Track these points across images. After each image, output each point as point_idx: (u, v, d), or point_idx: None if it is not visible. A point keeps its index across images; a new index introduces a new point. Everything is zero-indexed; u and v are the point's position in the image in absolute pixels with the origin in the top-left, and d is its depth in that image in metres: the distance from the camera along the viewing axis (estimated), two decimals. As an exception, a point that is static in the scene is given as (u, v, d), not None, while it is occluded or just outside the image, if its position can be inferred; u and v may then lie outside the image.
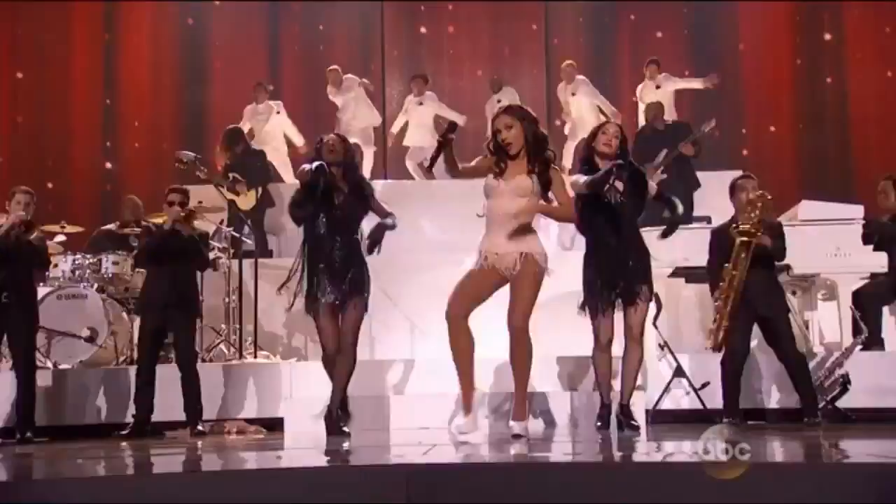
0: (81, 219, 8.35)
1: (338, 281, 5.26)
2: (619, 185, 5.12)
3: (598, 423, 5.34)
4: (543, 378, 6.21)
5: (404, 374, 6.54)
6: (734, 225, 5.59)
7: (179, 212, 6.03)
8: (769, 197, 5.57)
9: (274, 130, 10.19)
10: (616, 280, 5.11)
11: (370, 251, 5.21)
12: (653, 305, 5.46)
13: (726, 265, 5.54)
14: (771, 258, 5.68)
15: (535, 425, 5.78)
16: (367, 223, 5.42)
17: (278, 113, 10.26)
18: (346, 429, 5.28)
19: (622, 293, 5.12)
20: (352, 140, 6.56)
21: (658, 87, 9.89)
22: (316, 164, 5.29)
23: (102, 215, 9.83)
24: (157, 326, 6.01)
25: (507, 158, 4.77)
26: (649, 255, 5.25)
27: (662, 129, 8.87)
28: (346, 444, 4.84)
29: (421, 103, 10.48)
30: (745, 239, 5.49)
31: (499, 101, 10.19)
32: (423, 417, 5.66)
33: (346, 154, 5.43)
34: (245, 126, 9.77)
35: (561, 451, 4.42)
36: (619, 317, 5.21)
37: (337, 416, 5.28)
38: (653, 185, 5.32)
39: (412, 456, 4.02)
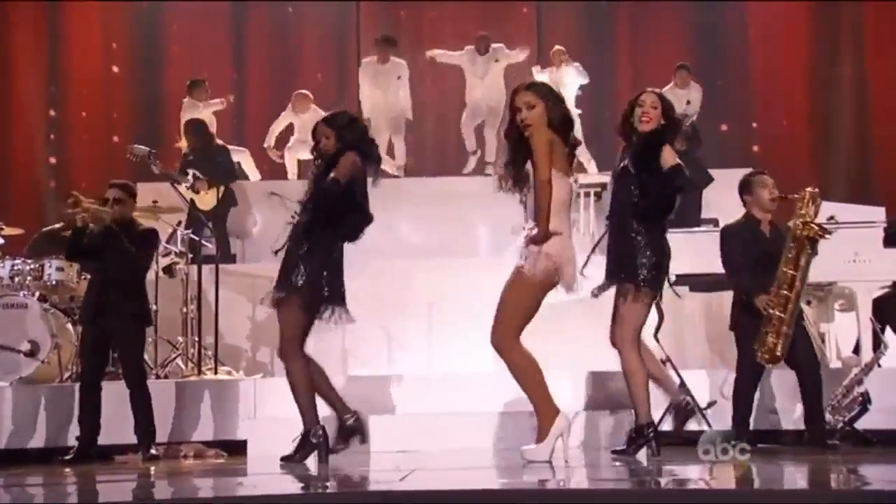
0: (22, 219, 8.28)
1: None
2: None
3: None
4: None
5: (380, 392, 6.51)
6: (802, 221, 5.46)
7: (82, 203, 5.90)
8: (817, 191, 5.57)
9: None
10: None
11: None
12: (654, 316, 5.45)
13: (786, 269, 5.46)
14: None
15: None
16: None
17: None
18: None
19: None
20: None
21: (689, 102, 9.72)
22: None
23: (45, 215, 9.77)
24: (94, 337, 5.95)
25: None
26: (639, 254, 5.02)
27: None
28: (314, 470, 4.81)
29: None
30: (814, 234, 5.38)
31: (496, 61, 10.17)
32: (401, 440, 5.64)
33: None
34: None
35: (538, 476, 4.40)
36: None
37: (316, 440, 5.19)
38: (671, 154, 5.02)
39: (389, 482, 3.99)
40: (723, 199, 7.86)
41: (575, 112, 5.99)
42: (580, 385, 6.25)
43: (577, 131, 5.31)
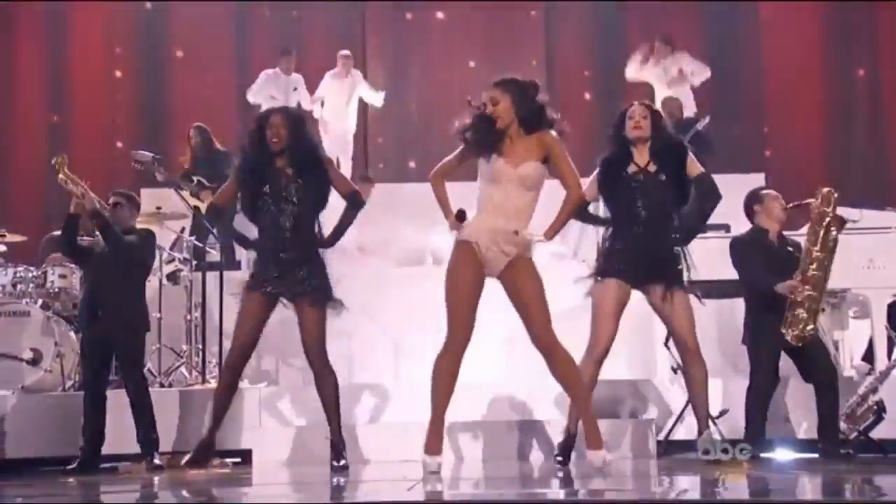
0: (24, 226, 8.29)
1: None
2: (650, 167, 5.13)
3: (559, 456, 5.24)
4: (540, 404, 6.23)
5: (385, 400, 6.52)
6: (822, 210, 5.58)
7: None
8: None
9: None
10: (648, 253, 5.08)
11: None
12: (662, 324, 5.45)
13: (812, 248, 5.54)
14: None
15: (537, 456, 5.78)
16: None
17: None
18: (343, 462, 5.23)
19: (653, 271, 5.08)
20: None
21: (681, 71, 9.96)
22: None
23: (47, 222, 9.78)
24: (92, 344, 5.96)
25: (501, 135, 4.72)
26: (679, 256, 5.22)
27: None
28: (321, 479, 4.81)
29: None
30: (836, 214, 5.52)
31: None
32: (408, 449, 5.63)
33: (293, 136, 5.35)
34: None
35: (551, 486, 4.41)
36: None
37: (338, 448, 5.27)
38: (696, 165, 5.26)
39: (395, 492, 3.99)
40: (731, 203, 7.84)
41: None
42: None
43: None
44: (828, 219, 5.59)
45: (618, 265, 5.09)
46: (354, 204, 5.41)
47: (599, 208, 5.75)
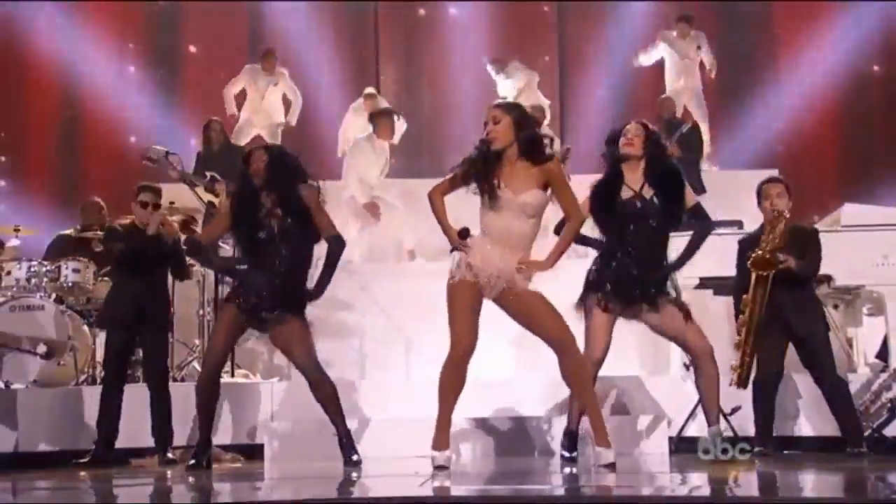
0: (38, 221, 8.35)
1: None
2: (645, 191, 5.13)
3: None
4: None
5: (397, 396, 6.54)
6: (748, 255, 5.58)
7: (164, 215, 6.06)
8: (787, 215, 5.57)
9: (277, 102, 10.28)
10: (637, 280, 5.08)
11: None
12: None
13: (746, 295, 5.55)
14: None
15: (545, 452, 5.79)
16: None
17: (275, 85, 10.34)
18: (356, 457, 5.28)
19: (639, 298, 5.09)
20: None
21: (699, 47, 10.13)
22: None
23: (61, 217, 9.83)
24: (126, 342, 6.02)
25: (499, 157, 4.73)
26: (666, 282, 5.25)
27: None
28: (332, 474, 4.83)
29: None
30: (761, 273, 5.49)
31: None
32: (419, 445, 5.64)
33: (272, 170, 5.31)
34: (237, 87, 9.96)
35: (565, 482, 4.42)
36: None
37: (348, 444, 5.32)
38: (691, 195, 5.28)
39: (405, 488, 4.01)
40: (742, 199, 7.84)
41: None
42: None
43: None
44: (761, 273, 5.54)
45: (604, 300, 5.10)
46: (334, 250, 5.34)
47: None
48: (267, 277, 5.20)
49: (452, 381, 4.71)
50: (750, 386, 5.69)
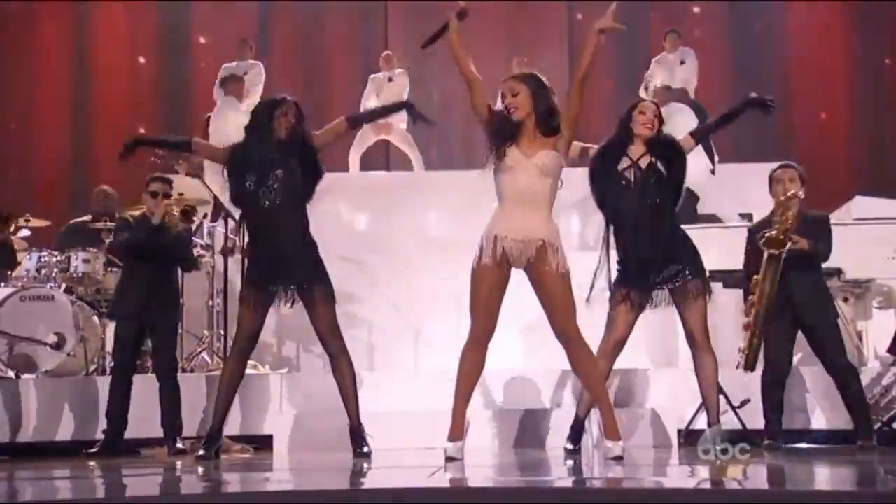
0: (47, 211, 8.38)
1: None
2: (642, 161, 5.15)
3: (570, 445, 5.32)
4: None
5: (406, 388, 6.55)
6: (761, 234, 5.58)
7: (171, 205, 6.07)
8: (801, 196, 5.56)
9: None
10: (654, 264, 5.09)
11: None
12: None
13: (756, 276, 5.54)
14: (814, 259, 5.67)
15: (556, 444, 5.80)
16: None
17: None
18: (367, 448, 5.30)
19: (665, 280, 5.10)
20: None
21: (682, 62, 9.95)
22: None
23: (71, 207, 9.86)
24: (136, 332, 6.05)
25: (518, 126, 4.76)
26: (693, 246, 5.24)
27: None
28: (342, 465, 4.85)
29: (391, 79, 10.53)
30: (773, 251, 5.48)
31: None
32: (428, 436, 5.66)
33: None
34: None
35: (572, 474, 4.43)
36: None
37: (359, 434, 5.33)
38: (688, 140, 5.35)
39: (416, 479, 4.02)
40: (751, 192, 7.83)
41: None
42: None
43: None
44: (773, 251, 5.54)
45: (626, 296, 5.13)
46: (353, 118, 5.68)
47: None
48: (275, 248, 5.21)
49: (469, 363, 4.73)
50: (759, 379, 5.70)
